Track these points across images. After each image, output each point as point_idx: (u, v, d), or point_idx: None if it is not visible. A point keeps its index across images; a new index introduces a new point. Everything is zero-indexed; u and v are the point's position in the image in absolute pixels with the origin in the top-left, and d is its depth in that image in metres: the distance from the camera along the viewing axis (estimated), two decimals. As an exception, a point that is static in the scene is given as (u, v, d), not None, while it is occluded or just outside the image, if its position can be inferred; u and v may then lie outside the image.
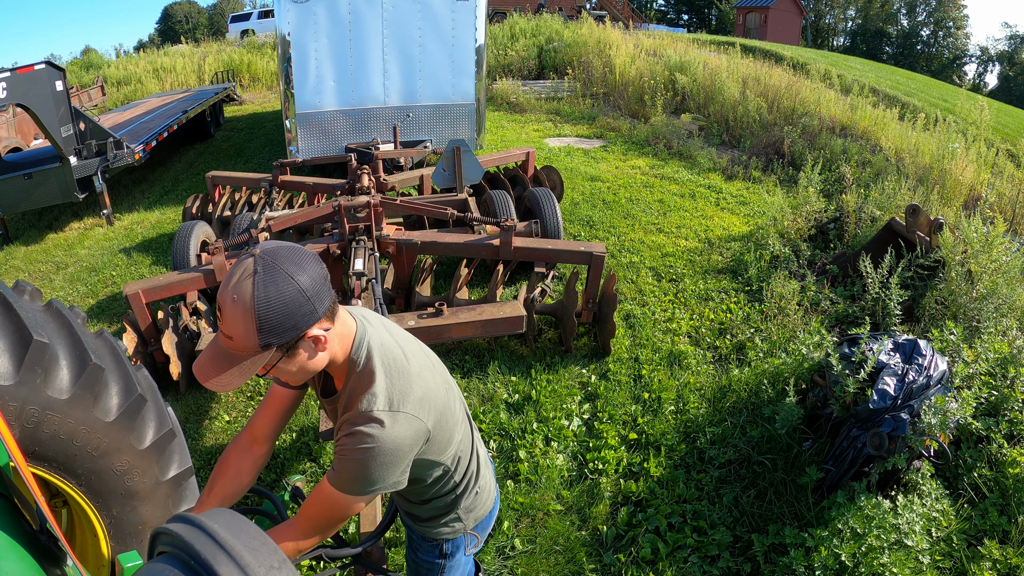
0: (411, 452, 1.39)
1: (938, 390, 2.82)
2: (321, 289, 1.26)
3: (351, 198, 4.26)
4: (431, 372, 1.50)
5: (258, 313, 1.18)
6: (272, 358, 1.25)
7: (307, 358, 1.30)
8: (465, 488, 1.65)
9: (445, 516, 1.66)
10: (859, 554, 2.49)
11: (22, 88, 6.01)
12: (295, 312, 1.21)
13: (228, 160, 9.62)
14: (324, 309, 1.27)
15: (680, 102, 10.90)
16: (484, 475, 1.73)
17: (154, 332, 3.98)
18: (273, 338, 1.21)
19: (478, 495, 1.69)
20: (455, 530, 1.69)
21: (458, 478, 1.62)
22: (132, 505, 1.86)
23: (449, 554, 1.74)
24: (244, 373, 1.24)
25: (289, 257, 1.23)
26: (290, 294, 1.20)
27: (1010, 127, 12.86)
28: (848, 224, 5.40)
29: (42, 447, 1.65)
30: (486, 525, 1.78)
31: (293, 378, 1.36)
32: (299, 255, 1.25)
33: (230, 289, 1.20)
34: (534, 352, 4.25)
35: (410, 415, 1.36)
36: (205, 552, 0.93)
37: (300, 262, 1.23)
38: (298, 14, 6.70)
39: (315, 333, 1.27)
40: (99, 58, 20.11)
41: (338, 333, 1.35)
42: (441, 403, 1.47)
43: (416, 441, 1.38)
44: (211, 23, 46.50)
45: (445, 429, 1.50)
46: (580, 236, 5.98)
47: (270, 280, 1.19)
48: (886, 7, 49.01)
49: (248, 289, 1.18)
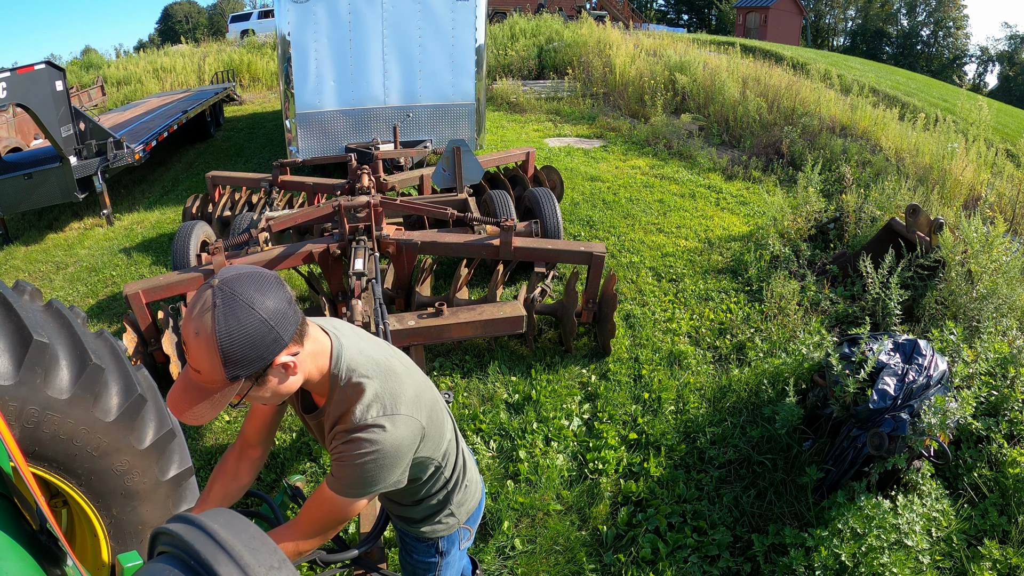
0: (411, 451, 1.41)
1: (938, 390, 2.82)
2: (285, 315, 1.21)
3: (351, 198, 4.26)
4: (415, 371, 1.52)
5: (221, 347, 1.14)
6: (242, 388, 1.22)
7: (278, 383, 1.27)
8: (456, 483, 1.68)
9: (439, 513, 1.68)
10: (859, 554, 2.49)
11: (22, 88, 6.01)
12: (259, 342, 1.17)
13: (228, 160, 9.62)
14: (290, 335, 1.22)
15: (680, 102, 10.90)
16: (470, 468, 1.76)
17: (154, 332, 3.98)
18: (240, 370, 1.18)
19: (467, 488, 1.73)
20: (449, 526, 1.71)
21: (448, 473, 1.64)
22: (132, 505, 1.86)
23: (445, 551, 1.76)
24: (216, 406, 1.21)
25: (249, 284, 1.18)
26: (252, 325, 1.16)
27: (1010, 127, 12.85)
28: (848, 224, 5.40)
29: (42, 447, 1.65)
30: (476, 516, 1.82)
31: (268, 403, 1.35)
32: (259, 281, 1.20)
33: (192, 324, 1.16)
34: (534, 352, 4.25)
35: (406, 416, 1.37)
36: (205, 552, 0.93)
37: (261, 288, 1.19)
38: (298, 14, 6.70)
39: (283, 360, 1.23)
40: (99, 58, 20.11)
41: (310, 353, 1.32)
42: (430, 399, 1.50)
43: (415, 440, 1.40)
44: (211, 23, 46.50)
45: (437, 424, 1.52)
46: (580, 236, 5.98)
47: (230, 312, 1.14)
48: (886, 7, 49.01)
49: (209, 323, 1.14)
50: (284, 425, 3.67)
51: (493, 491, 3.14)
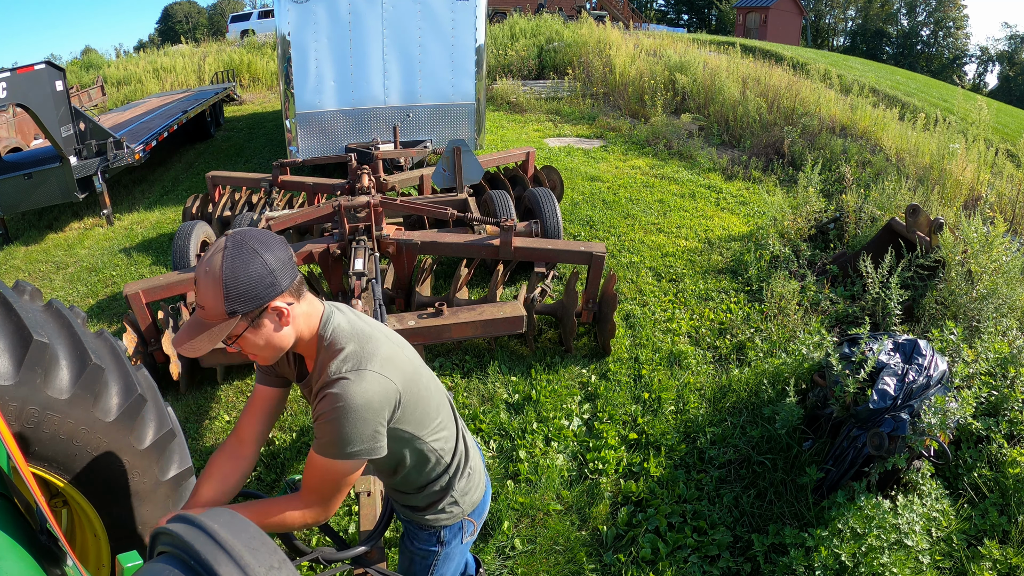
0: (382, 410, 1.43)
1: (938, 390, 2.82)
2: (284, 266, 1.37)
3: (351, 198, 4.26)
4: (399, 345, 1.57)
5: (225, 282, 1.31)
6: (238, 326, 1.36)
7: (272, 330, 1.40)
8: (457, 469, 1.70)
9: (442, 501, 1.70)
10: (859, 554, 2.49)
11: (22, 88, 6.01)
12: (258, 283, 1.33)
13: (228, 160, 9.62)
14: (287, 284, 1.38)
15: (680, 102, 10.91)
16: (473, 457, 1.79)
17: (154, 332, 3.98)
18: (238, 306, 1.32)
19: (470, 476, 1.75)
20: (453, 515, 1.73)
21: (447, 459, 1.66)
22: (132, 505, 1.86)
23: (446, 541, 1.76)
24: (212, 338, 1.35)
25: (257, 237, 1.36)
26: (254, 267, 1.33)
27: (1010, 127, 12.85)
28: (848, 224, 5.40)
29: (42, 447, 1.65)
30: (482, 510, 1.83)
31: (261, 353, 1.43)
32: (267, 237, 1.38)
33: (204, 263, 1.34)
34: (534, 352, 4.25)
35: (375, 372, 1.42)
36: (205, 552, 0.93)
37: (266, 242, 1.36)
38: (298, 14, 6.70)
39: (278, 305, 1.37)
40: (99, 58, 20.12)
41: (304, 312, 1.45)
42: (410, 371, 1.53)
43: (385, 398, 1.43)
44: (211, 23, 46.50)
45: (418, 396, 1.54)
46: (580, 236, 5.98)
47: (237, 254, 1.32)
48: (886, 7, 49.00)
49: (218, 261, 1.32)
50: (284, 425, 3.68)
51: (493, 491, 3.14)
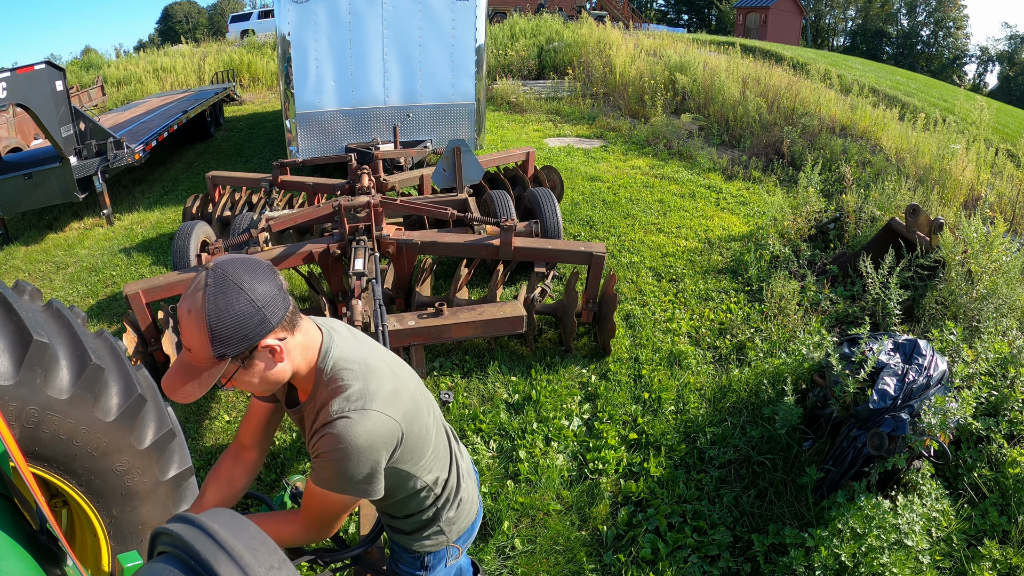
0: (385, 450, 1.38)
1: (938, 390, 2.82)
2: (274, 299, 1.26)
3: (351, 198, 4.26)
4: (401, 378, 1.50)
5: (210, 324, 1.20)
6: (228, 369, 1.26)
7: (264, 368, 1.30)
8: (447, 500, 1.65)
9: (427, 529, 1.66)
10: (859, 554, 2.49)
11: (22, 88, 6.01)
12: (246, 323, 1.22)
13: (228, 160, 9.62)
14: (278, 320, 1.27)
15: (680, 102, 10.90)
16: (465, 487, 1.72)
17: (154, 332, 3.98)
18: (227, 349, 1.22)
19: (460, 507, 1.69)
20: (438, 543, 1.68)
21: (438, 491, 1.62)
22: (132, 505, 1.86)
23: (430, 566, 1.72)
24: (203, 384, 1.25)
25: (241, 269, 1.24)
26: (240, 305, 1.21)
27: (1010, 127, 12.85)
28: (848, 224, 5.40)
29: (42, 447, 1.65)
30: (468, 536, 1.78)
31: (256, 389, 1.36)
32: (252, 266, 1.26)
33: (185, 302, 1.23)
34: (534, 352, 4.25)
35: (380, 412, 1.36)
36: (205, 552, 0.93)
37: (252, 273, 1.24)
38: (298, 14, 6.70)
39: (269, 343, 1.27)
40: (99, 58, 20.11)
41: (300, 344, 1.35)
42: (411, 407, 1.47)
43: (389, 439, 1.38)
44: (211, 23, 46.49)
45: (419, 437, 1.49)
46: (580, 236, 5.98)
47: (220, 292, 1.20)
48: (886, 7, 49.00)
49: (199, 301, 1.20)
50: (284, 425, 3.67)
51: (493, 491, 3.14)
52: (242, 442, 1.64)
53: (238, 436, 1.65)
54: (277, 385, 1.37)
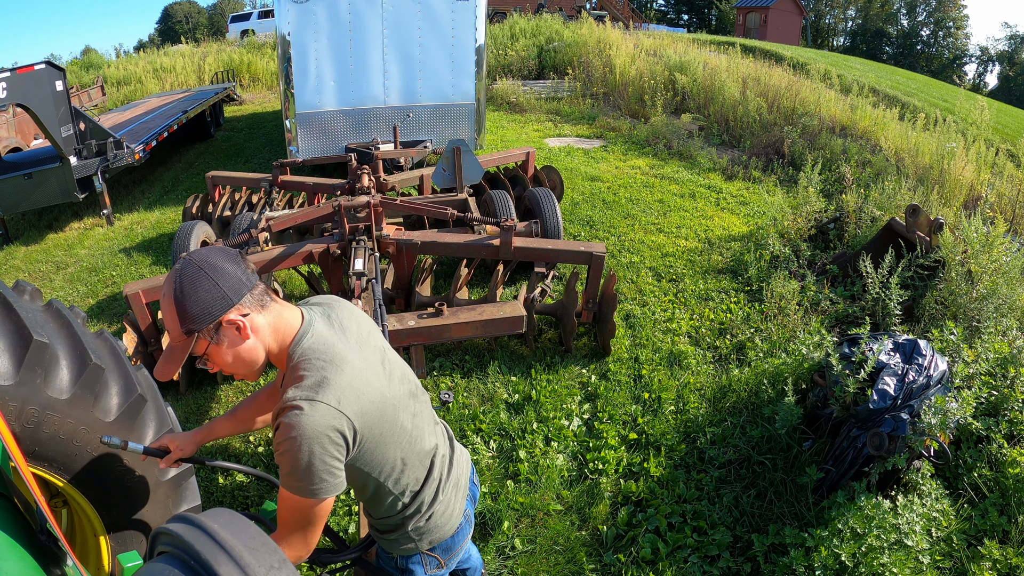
0: (332, 445, 1.36)
1: (938, 390, 2.82)
2: (236, 280, 1.38)
3: (351, 198, 4.26)
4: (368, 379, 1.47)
5: (176, 303, 1.35)
6: (200, 344, 1.39)
7: (232, 344, 1.40)
8: (416, 511, 1.63)
9: (395, 532, 1.66)
10: (859, 554, 2.49)
11: (22, 88, 6.01)
12: (206, 299, 1.35)
13: (228, 160, 9.62)
14: (239, 297, 1.38)
15: (680, 102, 10.90)
16: (445, 502, 1.68)
17: (154, 332, 3.97)
18: (193, 324, 1.35)
19: (431, 519, 1.65)
20: (408, 549, 1.68)
21: (406, 500, 1.61)
22: (132, 505, 1.86)
23: (405, 570, 1.71)
24: (176, 359, 1.41)
25: (207, 256, 1.39)
26: (202, 283, 1.35)
27: (1010, 127, 12.85)
28: (848, 224, 5.40)
29: (42, 447, 1.65)
30: (449, 547, 1.73)
31: (235, 369, 1.44)
32: (217, 252, 1.40)
33: (162, 289, 1.40)
34: (534, 352, 4.25)
35: (327, 405, 1.34)
36: (205, 552, 0.93)
37: (216, 256, 1.39)
38: (298, 14, 6.70)
39: (232, 318, 1.38)
40: (99, 58, 20.11)
41: (270, 324, 1.44)
42: (375, 409, 1.45)
43: (336, 433, 1.35)
44: (211, 23, 46.49)
45: (379, 439, 1.47)
46: (580, 236, 5.98)
47: (185, 275, 1.36)
48: (886, 7, 49.00)
49: (170, 284, 1.37)
50: (284, 425, 3.67)
51: (493, 491, 3.14)
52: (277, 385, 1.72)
53: (275, 381, 1.75)
54: (253, 365, 1.44)
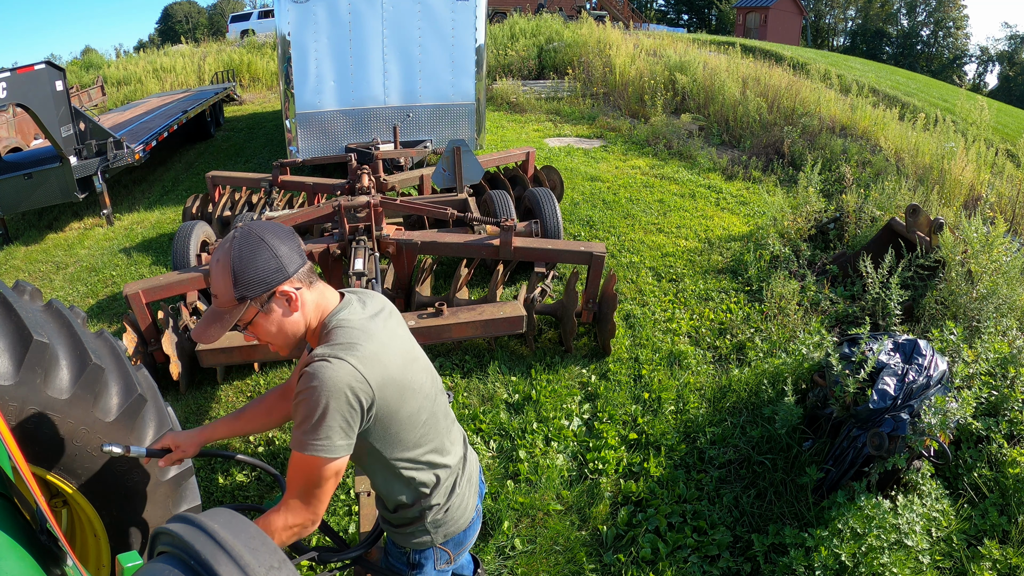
0: (352, 402, 1.39)
1: (938, 390, 2.82)
2: (291, 252, 1.44)
3: (351, 198, 4.26)
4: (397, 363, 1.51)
5: (233, 270, 1.39)
6: (248, 312, 1.42)
7: (282, 315, 1.45)
8: (435, 504, 1.65)
9: (412, 526, 1.67)
10: (859, 554, 2.49)
11: (22, 88, 6.01)
12: (265, 268, 1.40)
13: (228, 160, 9.62)
14: (294, 269, 1.43)
15: (680, 102, 10.90)
16: (460, 495, 1.71)
17: (154, 332, 3.98)
18: (247, 291, 1.39)
19: (448, 512, 1.68)
20: (423, 542, 1.69)
21: (426, 491, 1.62)
22: (132, 505, 1.86)
23: (416, 564, 1.72)
24: (225, 325, 1.42)
25: (264, 227, 1.44)
26: (261, 253, 1.40)
27: (1010, 127, 12.85)
28: (848, 224, 5.40)
29: (42, 447, 1.65)
30: (460, 542, 1.76)
31: (275, 340, 1.48)
32: (274, 227, 1.45)
33: (214, 255, 1.44)
34: (534, 352, 4.25)
35: (352, 366, 1.39)
36: (205, 552, 0.93)
37: (274, 231, 1.44)
38: (298, 14, 6.70)
39: (286, 289, 1.43)
40: (99, 58, 20.11)
41: (314, 301, 1.49)
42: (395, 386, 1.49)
43: (357, 392, 1.39)
44: (211, 23, 46.49)
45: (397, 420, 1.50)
46: (580, 236, 5.98)
47: (244, 243, 1.40)
48: (886, 7, 49.00)
49: (226, 250, 1.41)
50: (285, 425, 3.67)
51: (493, 491, 3.14)
52: (291, 385, 1.76)
53: (290, 380, 1.78)
54: (293, 339, 1.49)
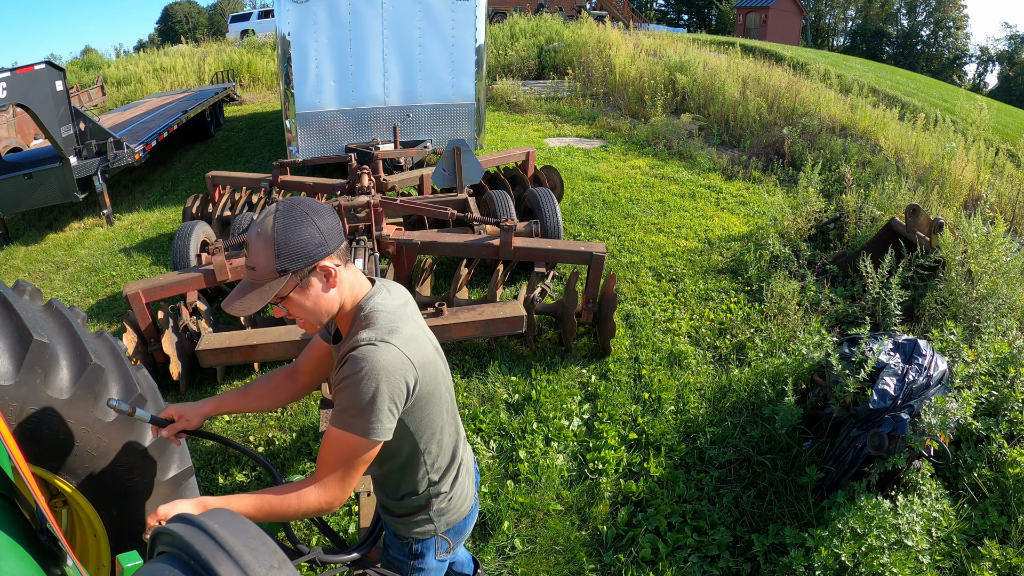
0: (399, 385, 1.43)
1: (938, 390, 2.82)
2: (333, 230, 1.45)
3: (351, 198, 4.26)
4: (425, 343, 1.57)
5: (276, 241, 1.38)
6: (287, 285, 1.41)
7: (320, 290, 1.45)
8: (440, 491, 1.68)
9: (417, 515, 1.68)
10: (859, 554, 2.49)
11: (22, 88, 6.01)
12: (308, 242, 1.40)
13: (228, 160, 9.62)
14: (335, 246, 1.45)
15: (680, 102, 10.90)
16: (462, 483, 1.75)
17: (154, 332, 3.98)
18: (289, 263, 1.39)
19: (452, 500, 1.71)
20: (425, 531, 1.71)
21: (436, 476, 1.65)
22: (132, 505, 1.86)
23: (418, 554, 1.74)
24: (263, 296, 1.40)
25: (307, 203, 1.45)
26: (305, 227, 1.40)
27: (1010, 127, 12.85)
28: (848, 224, 5.40)
29: (42, 447, 1.64)
30: (460, 530, 1.79)
31: (308, 316, 1.48)
32: (316, 204, 1.46)
33: (256, 226, 1.42)
34: (534, 352, 4.25)
35: (399, 349, 1.44)
36: (205, 552, 0.93)
37: (316, 208, 1.44)
38: (298, 14, 6.70)
39: (326, 264, 1.43)
40: (99, 58, 20.10)
41: (350, 281, 1.51)
42: (431, 367, 1.55)
43: (404, 374, 1.44)
44: (211, 23, 46.49)
45: (431, 399, 1.55)
46: (580, 236, 5.98)
47: (288, 216, 1.40)
48: (886, 7, 49.00)
49: (270, 222, 1.40)
50: (284, 425, 3.67)
51: (493, 491, 3.14)
52: (299, 367, 1.78)
53: (297, 361, 1.79)
54: (326, 316, 1.49)
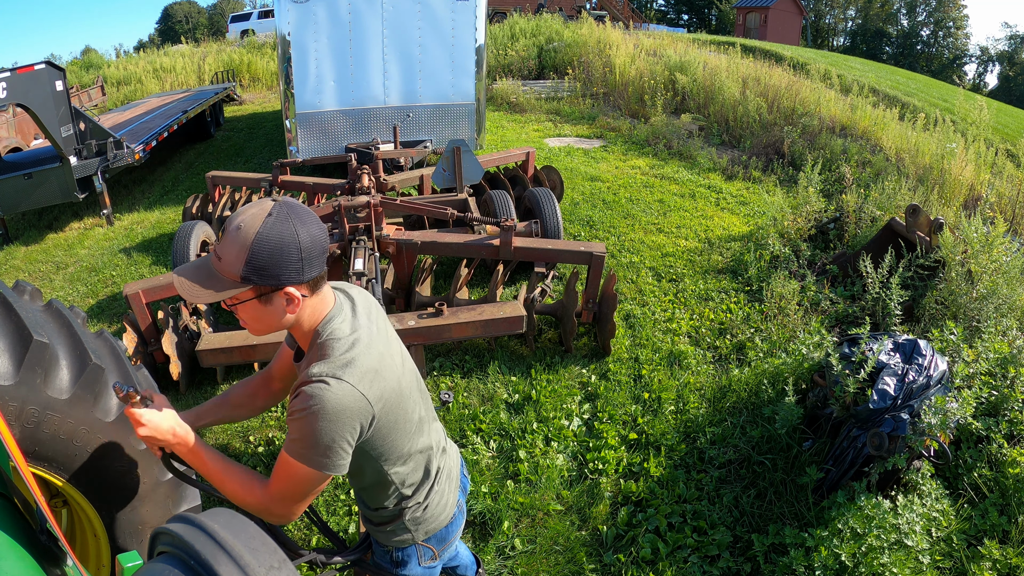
0: (350, 425, 1.36)
1: (938, 390, 2.82)
2: (316, 258, 1.34)
3: (351, 198, 4.26)
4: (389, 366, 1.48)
5: (252, 248, 1.27)
6: (245, 294, 1.32)
7: (278, 309, 1.36)
8: (413, 502, 1.65)
9: (391, 524, 1.66)
10: (859, 554, 2.49)
11: (22, 88, 6.01)
12: (284, 264, 1.29)
13: (228, 160, 9.62)
14: (310, 276, 1.34)
15: (680, 102, 10.90)
16: (441, 491, 1.71)
17: (154, 332, 3.98)
18: (255, 276, 1.29)
19: (427, 510, 1.67)
20: (403, 540, 1.69)
21: (407, 492, 1.62)
22: (132, 505, 1.86)
23: (400, 562, 1.72)
24: (218, 293, 1.31)
25: (305, 214, 1.32)
26: (288, 249, 1.28)
27: (1010, 127, 12.85)
28: (848, 224, 5.40)
29: (42, 447, 1.64)
30: (443, 538, 1.75)
31: (254, 325, 1.40)
32: (312, 217, 1.34)
33: (239, 217, 1.29)
34: (534, 352, 4.25)
35: (352, 386, 1.35)
36: (205, 552, 0.93)
37: (309, 227, 1.32)
38: (298, 14, 6.70)
39: (292, 291, 1.33)
40: (99, 58, 20.11)
41: (312, 305, 1.40)
42: (393, 395, 1.46)
43: (356, 414, 1.36)
44: (211, 23, 46.50)
45: (392, 425, 1.48)
46: (580, 236, 5.98)
47: (277, 228, 1.27)
48: (886, 7, 49.00)
49: (256, 223, 1.27)
50: (284, 425, 3.67)
51: (493, 491, 3.14)
52: (272, 373, 1.73)
53: (269, 368, 1.74)
54: (273, 331, 1.40)
